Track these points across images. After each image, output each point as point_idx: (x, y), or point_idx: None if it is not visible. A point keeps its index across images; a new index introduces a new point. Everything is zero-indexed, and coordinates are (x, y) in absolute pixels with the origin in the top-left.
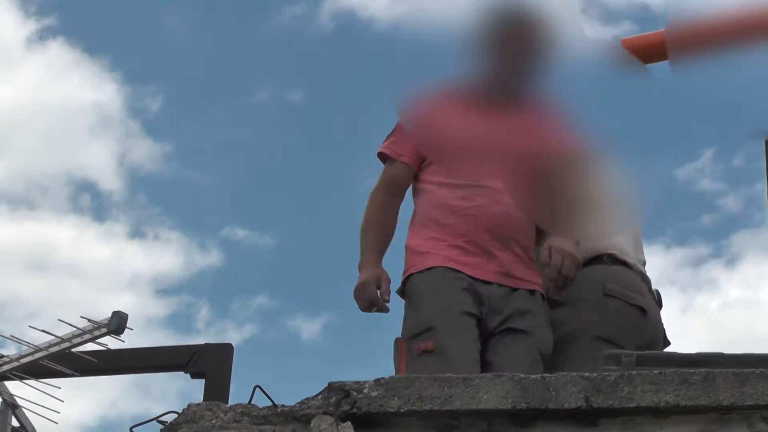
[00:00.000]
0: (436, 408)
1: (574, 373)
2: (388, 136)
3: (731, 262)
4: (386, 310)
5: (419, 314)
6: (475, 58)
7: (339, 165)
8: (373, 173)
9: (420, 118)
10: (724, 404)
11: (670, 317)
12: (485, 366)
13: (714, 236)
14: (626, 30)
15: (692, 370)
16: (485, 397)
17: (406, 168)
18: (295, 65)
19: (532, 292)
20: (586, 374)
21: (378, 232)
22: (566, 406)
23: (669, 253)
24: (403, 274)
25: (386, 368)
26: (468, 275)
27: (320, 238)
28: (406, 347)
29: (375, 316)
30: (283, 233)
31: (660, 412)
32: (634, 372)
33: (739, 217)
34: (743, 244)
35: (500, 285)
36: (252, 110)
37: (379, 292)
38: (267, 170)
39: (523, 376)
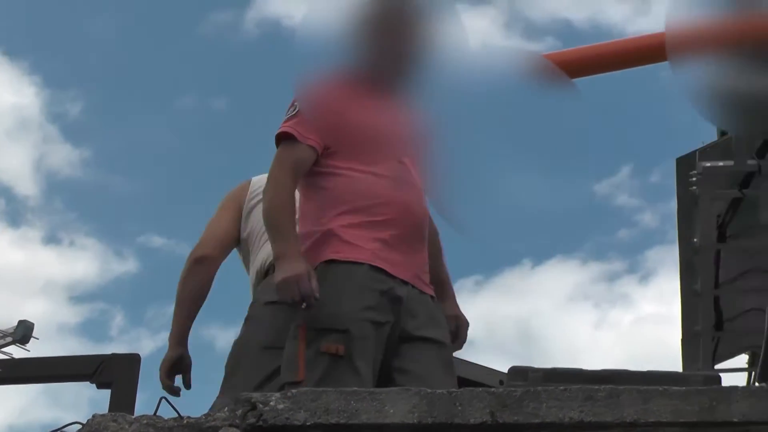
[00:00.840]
0: (342, 422)
1: (480, 389)
2: (290, 117)
3: (645, 277)
4: (313, 307)
5: (336, 310)
6: (361, 49)
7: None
8: None
9: (321, 107)
10: (628, 421)
11: (583, 332)
12: (402, 372)
13: (630, 252)
14: (549, 45)
15: (597, 387)
16: (391, 411)
17: (311, 151)
18: (220, 72)
19: (433, 298)
20: (493, 390)
21: (293, 219)
22: (472, 421)
23: (585, 268)
24: (319, 254)
25: None
26: (389, 274)
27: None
28: (307, 336)
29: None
30: None
31: (565, 428)
32: (540, 388)
33: (655, 233)
34: (658, 260)
35: (413, 287)
36: (174, 117)
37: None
38: (187, 177)
39: (429, 390)
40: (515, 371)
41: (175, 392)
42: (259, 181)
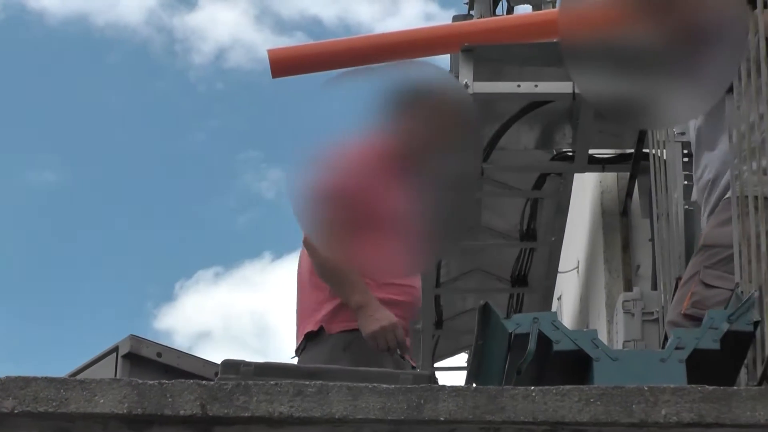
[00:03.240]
0: (51, 410)
1: (192, 381)
2: None
3: None
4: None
5: None
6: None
7: None
8: (30, 165)
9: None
10: (337, 417)
11: None
12: None
13: None
14: (299, 40)
15: (308, 383)
16: (101, 401)
17: None
18: None
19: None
20: (204, 382)
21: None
22: (182, 412)
23: None
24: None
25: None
26: None
27: None
28: None
29: None
30: None
31: (274, 422)
32: (251, 382)
33: None
34: None
35: None
36: None
37: None
38: None
39: (140, 381)
40: (228, 364)
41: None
42: None
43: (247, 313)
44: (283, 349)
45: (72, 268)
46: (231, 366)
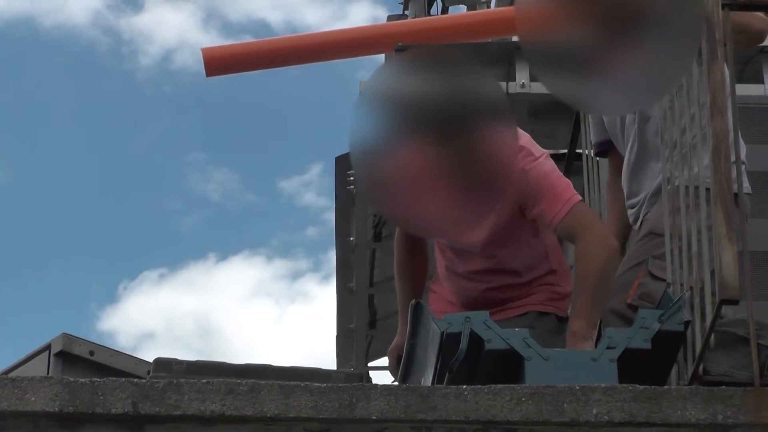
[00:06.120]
0: None
1: (124, 379)
2: None
3: (328, 276)
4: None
5: None
6: None
7: None
8: None
9: None
10: (269, 415)
11: (263, 328)
12: None
13: (315, 250)
14: None
15: (239, 381)
16: (32, 399)
17: None
18: None
19: None
20: (136, 380)
21: (406, 285)
22: (113, 411)
23: (270, 265)
24: None
25: None
26: None
27: None
28: None
29: None
30: None
31: (206, 421)
32: (182, 380)
33: None
34: None
35: None
36: None
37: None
38: None
39: (72, 379)
40: (159, 363)
41: None
42: None
43: (190, 314)
44: (226, 351)
45: (15, 268)
46: (163, 364)
